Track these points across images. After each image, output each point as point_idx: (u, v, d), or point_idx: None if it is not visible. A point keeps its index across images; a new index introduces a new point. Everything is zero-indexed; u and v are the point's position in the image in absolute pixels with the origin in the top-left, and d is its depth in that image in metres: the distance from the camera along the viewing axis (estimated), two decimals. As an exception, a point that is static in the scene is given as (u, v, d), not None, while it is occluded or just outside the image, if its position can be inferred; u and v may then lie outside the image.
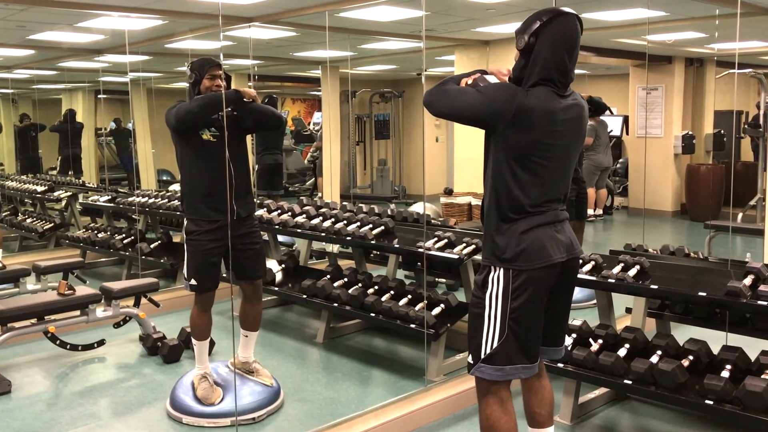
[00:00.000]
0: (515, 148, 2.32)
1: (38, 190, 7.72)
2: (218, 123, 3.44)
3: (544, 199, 2.37)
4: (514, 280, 2.33)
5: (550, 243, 2.36)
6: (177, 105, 3.51)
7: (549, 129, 2.31)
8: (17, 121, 9.04)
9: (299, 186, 11.89)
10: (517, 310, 2.33)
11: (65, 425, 3.50)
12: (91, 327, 4.71)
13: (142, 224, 6.62)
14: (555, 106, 2.32)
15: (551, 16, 2.33)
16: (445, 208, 8.01)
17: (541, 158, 2.33)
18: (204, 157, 3.48)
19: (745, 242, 7.14)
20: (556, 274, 2.39)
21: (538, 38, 2.32)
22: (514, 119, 2.28)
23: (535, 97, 2.30)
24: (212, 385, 3.57)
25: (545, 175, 2.36)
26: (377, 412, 3.42)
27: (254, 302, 3.73)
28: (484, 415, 2.46)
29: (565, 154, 2.41)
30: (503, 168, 2.35)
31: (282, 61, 9.16)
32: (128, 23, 5.73)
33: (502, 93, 2.32)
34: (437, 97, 2.44)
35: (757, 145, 9.01)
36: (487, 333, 2.38)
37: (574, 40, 2.36)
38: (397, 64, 10.35)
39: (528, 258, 2.32)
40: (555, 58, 2.32)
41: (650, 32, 6.76)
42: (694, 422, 3.47)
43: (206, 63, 3.51)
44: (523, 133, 2.30)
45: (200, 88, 3.48)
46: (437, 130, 12.06)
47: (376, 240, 4.51)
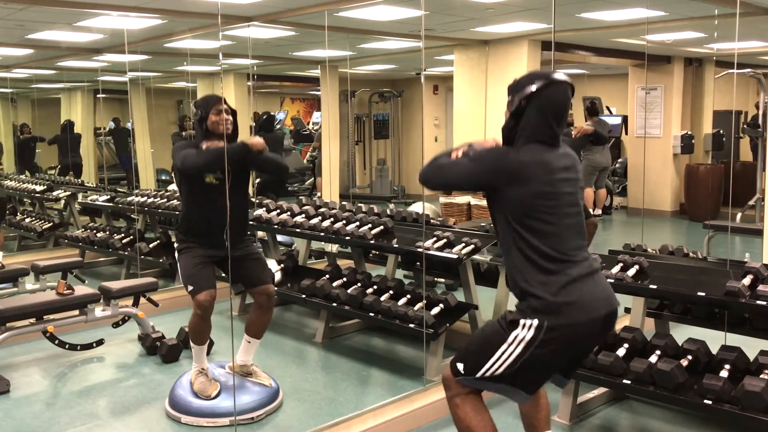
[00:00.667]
0: (521, 204, 2.32)
1: (37, 190, 7.71)
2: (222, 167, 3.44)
3: (570, 246, 2.34)
4: (548, 331, 2.26)
5: (592, 297, 2.31)
6: (184, 146, 3.53)
7: (548, 178, 2.32)
8: (18, 132, 9.06)
9: (298, 186, 11.89)
10: (538, 358, 2.29)
11: (64, 425, 3.50)
12: (90, 327, 4.71)
13: (141, 224, 6.61)
14: (548, 157, 2.35)
15: (545, 83, 2.36)
16: (444, 208, 8.01)
17: (549, 207, 2.32)
18: (204, 196, 3.53)
19: (744, 242, 7.14)
20: (594, 328, 2.34)
21: (529, 103, 2.36)
22: (510, 176, 2.31)
23: (526, 152, 2.34)
24: (209, 379, 3.57)
25: (560, 223, 2.34)
26: (376, 412, 3.42)
27: (265, 311, 3.68)
28: (458, 418, 2.46)
29: (571, 199, 2.39)
30: (517, 226, 2.32)
31: (281, 61, 9.16)
32: (127, 22, 5.73)
33: (494, 155, 2.39)
34: (432, 172, 2.49)
35: (756, 145, 9.02)
36: (495, 361, 2.34)
37: (564, 108, 2.41)
38: (396, 64, 10.35)
39: (570, 314, 2.27)
40: (544, 125, 2.36)
41: (649, 32, 6.77)
42: (693, 422, 3.47)
43: (211, 99, 3.56)
44: (524, 188, 2.30)
45: (207, 124, 3.53)
46: (436, 130, 12.07)
47: (375, 240, 4.51)
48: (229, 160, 3.34)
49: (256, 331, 3.72)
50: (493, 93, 7.75)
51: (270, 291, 3.66)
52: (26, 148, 9.03)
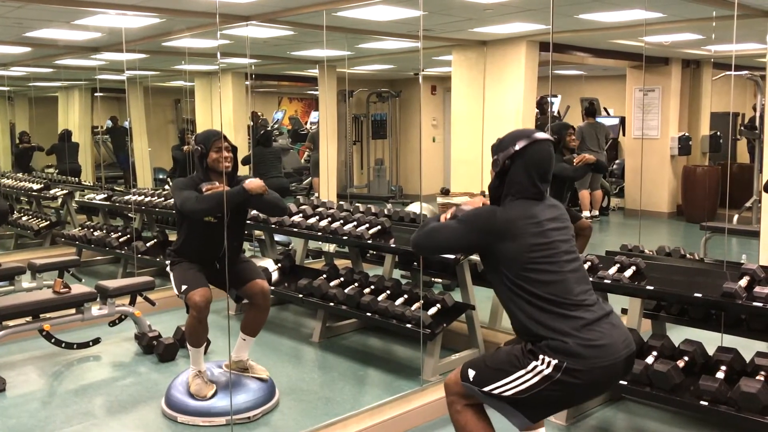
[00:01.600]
0: (517, 259, 2.32)
1: (34, 188, 7.70)
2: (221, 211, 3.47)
3: (576, 291, 2.33)
4: (566, 373, 2.23)
5: (611, 340, 2.29)
6: (184, 185, 3.54)
7: (538, 230, 2.34)
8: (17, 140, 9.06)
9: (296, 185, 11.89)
10: (551, 394, 2.27)
11: (60, 423, 3.49)
12: (87, 325, 4.70)
13: (138, 223, 6.61)
14: (535, 210, 2.38)
15: (527, 143, 2.40)
16: (441, 208, 8.01)
17: (547, 257, 2.32)
18: (202, 232, 3.56)
19: (741, 244, 7.16)
20: (615, 370, 2.31)
21: (513, 162, 2.40)
22: (500, 234, 2.34)
23: (513, 207, 2.38)
24: (205, 381, 3.57)
25: (561, 270, 2.33)
26: (373, 412, 3.42)
27: (261, 310, 3.69)
28: (460, 424, 2.47)
29: (567, 247, 2.40)
30: (518, 281, 2.32)
31: (279, 60, 9.16)
32: (125, 21, 5.72)
33: (481, 214, 2.43)
34: (423, 238, 2.54)
35: (753, 146, 9.03)
36: (507, 383, 2.32)
37: (547, 165, 2.44)
38: (394, 64, 10.35)
39: (590, 358, 2.24)
40: (529, 183, 2.40)
41: (647, 33, 6.77)
42: (690, 423, 3.47)
43: (211, 136, 3.58)
44: (515, 243, 2.32)
45: (207, 161, 3.56)
46: (434, 130, 12.07)
47: (373, 239, 4.51)
48: (229, 206, 3.41)
49: (252, 330, 3.72)
50: (491, 94, 7.76)
51: (264, 287, 3.66)
52: (25, 156, 9.06)
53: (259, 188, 3.47)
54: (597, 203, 9.31)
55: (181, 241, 3.67)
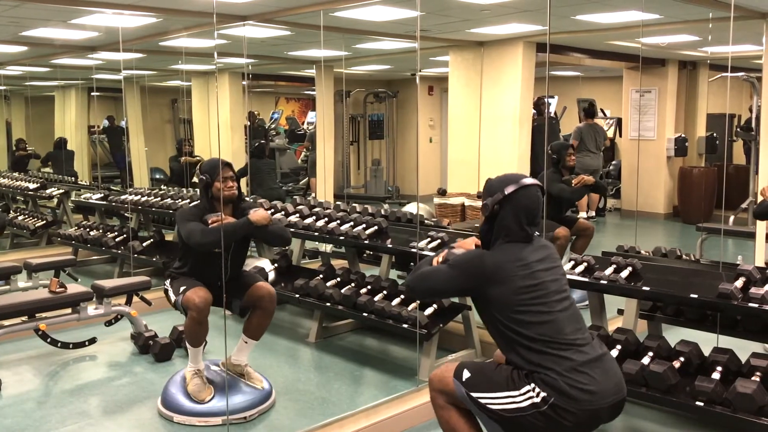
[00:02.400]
0: (506, 302, 2.36)
1: (30, 188, 7.68)
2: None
3: (568, 331, 2.35)
4: (552, 408, 2.26)
5: (600, 386, 2.30)
6: (189, 216, 3.55)
7: (527, 272, 2.37)
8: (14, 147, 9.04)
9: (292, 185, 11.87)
10: (535, 423, 2.29)
11: (55, 423, 3.49)
12: (83, 325, 4.69)
13: (134, 222, 6.60)
14: (523, 253, 2.42)
15: (515, 188, 2.45)
16: (438, 209, 8.01)
17: (537, 299, 2.36)
18: (205, 259, 3.57)
19: (737, 245, 7.18)
20: (602, 414, 2.34)
21: (501, 208, 2.46)
22: (489, 278, 2.38)
23: (501, 252, 2.43)
24: (204, 382, 3.56)
25: (552, 311, 2.36)
26: (369, 412, 3.42)
27: (267, 314, 3.68)
28: (444, 419, 2.50)
29: (557, 287, 2.43)
30: (510, 324, 2.35)
31: (276, 60, 9.15)
32: (122, 20, 5.71)
33: (470, 260, 2.47)
34: (416, 282, 2.59)
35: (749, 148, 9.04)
36: (496, 397, 2.34)
37: (535, 209, 2.49)
38: (391, 65, 10.35)
39: (578, 401, 2.26)
40: (517, 227, 2.44)
41: (644, 35, 6.78)
42: (685, 423, 3.48)
43: (217, 166, 3.58)
44: (505, 286, 2.36)
45: (212, 191, 3.58)
46: (431, 131, 12.07)
47: (370, 240, 4.51)
48: (234, 239, 3.47)
49: (255, 333, 3.72)
50: (488, 94, 7.76)
51: (271, 290, 3.67)
52: (21, 163, 9.06)
53: (264, 220, 3.50)
54: (594, 204, 9.32)
55: (183, 266, 3.68)
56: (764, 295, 2.99)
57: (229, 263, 3.52)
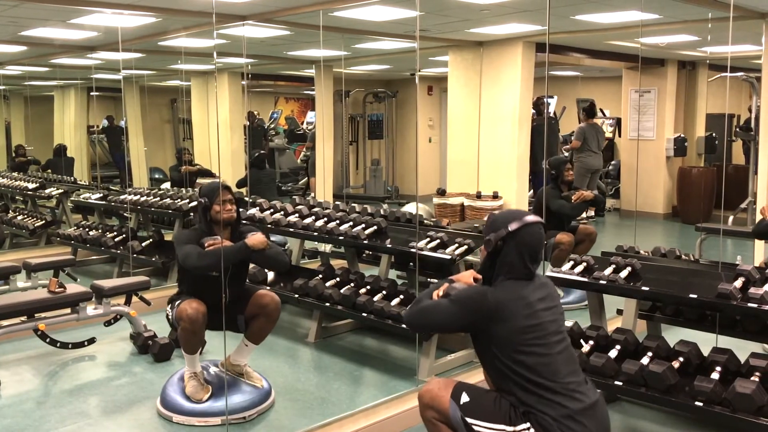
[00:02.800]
0: (507, 341, 2.36)
1: (29, 188, 7.68)
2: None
3: (564, 373, 2.37)
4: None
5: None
6: (186, 239, 3.54)
7: (528, 312, 2.38)
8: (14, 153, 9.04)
9: (292, 185, 11.87)
10: None
11: (54, 423, 3.49)
12: (82, 325, 4.69)
13: (133, 222, 6.59)
14: (525, 291, 2.42)
15: (519, 226, 2.45)
16: (437, 209, 8.02)
17: (536, 339, 2.37)
18: (204, 283, 3.55)
19: (736, 245, 7.18)
20: None
21: (505, 244, 2.46)
22: (491, 316, 2.38)
23: (503, 289, 2.42)
24: (201, 383, 3.56)
25: (550, 353, 2.38)
26: (368, 412, 3.42)
27: (270, 320, 3.66)
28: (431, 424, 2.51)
29: (555, 327, 2.44)
30: (509, 362, 2.36)
31: (276, 60, 9.15)
32: (121, 20, 5.71)
33: (472, 297, 2.46)
34: (416, 316, 2.58)
35: (748, 148, 9.05)
36: (490, 428, 2.36)
37: (538, 246, 2.50)
38: (390, 65, 10.34)
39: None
40: (520, 264, 2.45)
41: (643, 35, 6.78)
42: (684, 423, 3.48)
43: (215, 189, 3.58)
44: (507, 325, 2.36)
45: (211, 214, 3.57)
46: (430, 131, 12.06)
47: (369, 240, 4.51)
48: (231, 263, 3.44)
49: (256, 338, 3.70)
50: (487, 94, 7.76)
51: (275, 297, 3.64)
52: (20, 169, 9.06)
53: (261, 244, 3.48)
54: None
55: (183, 291, 3.69)
56: (763, 295, 2.99)
57: (227, 287, 3.45)
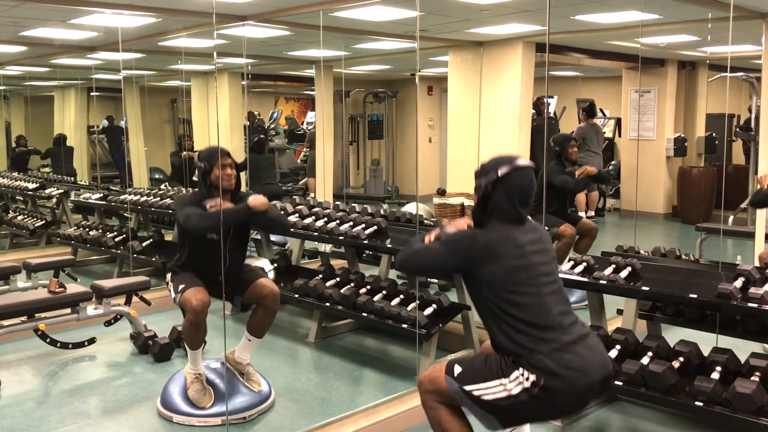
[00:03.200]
0: (497, 281, 2.38)
1: (29, 188, 7.68)
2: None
3: (554, 312, 2.38)
4: (542, 390, 2.29)
5: (587, 363, 2.34)
6: (188, 202, 3.53)
7: (519, 252, 2.40)
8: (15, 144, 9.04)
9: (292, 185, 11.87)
10: (528, 406, 2.32)
11: (55, 423, 3.49)
12: (82, 325, 4.69)
13: (133, 222, 6.59)
14: (515, 233, 2.44)
15: (509, 170, 2.46)
16: (437, 209, 8.01)
17: (526, 279, 2.38)
18: (204, 248, 3.54)
19: (736, 245, 7.18)
20: (590, 391, 2.38)
21: (495, 188, 2.47)
22: (481, 256, 2.40)
23: (494, 231, 2.45)
24: (204, 387, 3.55)
25: (540, 292, 2.39)
26: (368, 412, 3.42)
27: (270, 313, 3.66)
28: (435, 420, 2.51)
29: (546, 269, 2.45)
30: (499, 302, 2.37)
31: (276, 60, 9.14)
32: (121, 20, 5.70)
33: (462, 237, 2.49)
34: (407, 258, 2.61)
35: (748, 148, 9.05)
36: (487, 387, 2.37)
37: (529, 191, 2.51)
38: (390, 65, 10.34)
39: (566, 379, 2.29)
40: (510, 208, 2.46)
41: (643, 35, 6.78)
42: (684, 423, 3.48)
43: (215, 153, 3.55)
44: (496, 265, 2.38)
45: (211, 178, 3.54)
46: (430, 131, 12.06)
47: (369, 240, 4.51)
48: (232, 224, 3.43)
49: (258, 332, 3.69)
50: (487, 94, 7.76)
51: (274, 289, 3.65)
52: (21, 160, 9.05)
53: (263, 206, 3.46)
54: (593, 204, 9.31)
55: (182, 257, 3.66)
56: (763, 295, 2.99)
57: (228, 253, 3.47)
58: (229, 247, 3.48)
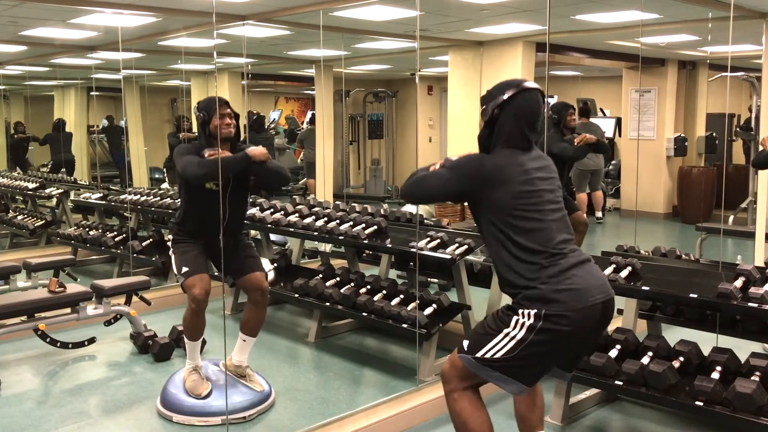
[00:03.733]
0: (503, 205, 2.37)
1: (29, 187, 7.68)
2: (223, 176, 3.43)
3: (557, 239, 2.38)
4: (546, 320, 2.28)
5: (587, 284, 2.34)
6: (186, 151, 3.49)
7: (525, 178, 2.38)
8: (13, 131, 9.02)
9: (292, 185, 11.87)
10: (538, 347, 2.31)
11: (54, 423, 3.48)
12: (82, 325, 4.69)
13: (133, 222, 6.59)
14: (522, 159, 2.42)
15: (515, 92, 2.44)
16: (437, 209, 8.02)
17: (531, 205, 2.37)
18: (204, 200, 3.51)
19: (736, 245, 7.18)
20: (593, 314, 2.35)
21: (502, 111, 2.44)
22: (488, 180, 2.38)
23: (501, 155, 2.42)
24: (201, 378, 3.57)
25: (545, 219, 2.38)
26: (368, 412, 3.42)
27: (259, 308, 3.67)
28: (455, 413, 2.49)
29: (552, 196, 2.44)
30: (503, 227, 2.37)
31: (276, 60, 9.14)
32: (121, 20, 5.70)
33: (470, 162, 2.47)
34: (413, 186, 2.57)
35: (748, 148, 9.06)
36: (496, 343, 2.36)
37: (537, 113, 2.47)
38: (390, 64, 10.34)
39: (567, 301, 2.29)
40: (518, 131, 2.44)
41: (643, 35, 6.78)
42: (684, 423, 3.48)
43: (215, 103, 3.51)
44: (503, 189, 2.36)
45: (210, 128, 3.51)
46: (430, 131, 12.06)
47: (369, 239, 4.51)
48: (231, 172, 3.38)
49: (251, 329, 3.70)
50: (488, 94, 7.75)
51: (263, 285, 3.64)
52: (20, 147, 9.01)
53: (262, 155, 3.43)
54: (599, 204, 9.26)
55: (182, 212, 3.62)
56: (763, 295, 2.99)
57: (227, 206, 3.41)
58: (228, 199, 3.41)
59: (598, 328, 2.44)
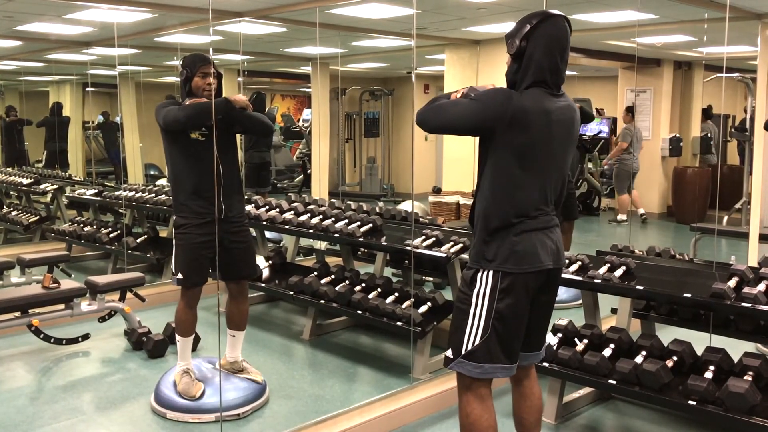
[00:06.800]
0: (514, 150, 2.32)
1: (24, 183, 7.66)
2: (207, 124, 3.38)
3: (541, 201, 2.39)
4: (502, 281, 2.35)
5: (541, 248, 2.38)
6: (166, 104, 3.46)
7: (545, 129, 2.32)
8: (3, 114, 8.96)
9: (288, 183, 11.86)
10: (502, 311, 2.36)
11: (48, 419, 3.48)
12: (76, 321, 4.68)
13: (128, 218, 6.58)
14: (550, 106, 2.33)
15: (540, 18, 2.35)
16: (433, 207, 8.02)
17: (539, 159, 2.35)
18: (191, 156, 3.45)
19: (730, 245, 7.20)
20: (542, 279, 2.42)
21: (529, 42, 2.34)
22: (511, 120, 2.28)
23: (529, 97, 2.31)
24: (193, 380, 3.55)
25: (544, 177, 2.38)
26: (362, 410, 3.42)
27: (240, 301, 3.69)
28: (464, 413, 2.48)
29: (561, 156, 2.43)
30: (504, 171, 2.35)
31: (272, 57, 9.13)
32: (117, 16, 5.69)
33: (497, 96, 2.33)
34: (429, 113, 2.47)
35: (743, 148, 9.08)
36: (470, 329, 2.40)
37: (565, 41, 2.37)
38: (387, 62, 10.34)
39: (518, 261, 2.34)
40: (547, 60, 2.33)
41: (639, 35, 6.80)
42: (678, 422, 3.49)
43: (198, 60, 3.45)
44: (521, 134, 2.30)
45: (191, 86, 3.45)
46: (426, 129, 12.07)
47: (364, 237, 4.51)
48: (212, 117, 3.26)
49: (237, 323, 3.70)
50: (484, 93, 7.76)
51: (242, 282, 3.66)
52: (13, 130, 8.90)
53: (243, 102, 3.42)
54: (638, 202, 9.23)
55: (175, 180, 3.51)
56: (757, 295, 3.00)
57: (219, 162, 3.33)
58: (218, 150, 3.31)
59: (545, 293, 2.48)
